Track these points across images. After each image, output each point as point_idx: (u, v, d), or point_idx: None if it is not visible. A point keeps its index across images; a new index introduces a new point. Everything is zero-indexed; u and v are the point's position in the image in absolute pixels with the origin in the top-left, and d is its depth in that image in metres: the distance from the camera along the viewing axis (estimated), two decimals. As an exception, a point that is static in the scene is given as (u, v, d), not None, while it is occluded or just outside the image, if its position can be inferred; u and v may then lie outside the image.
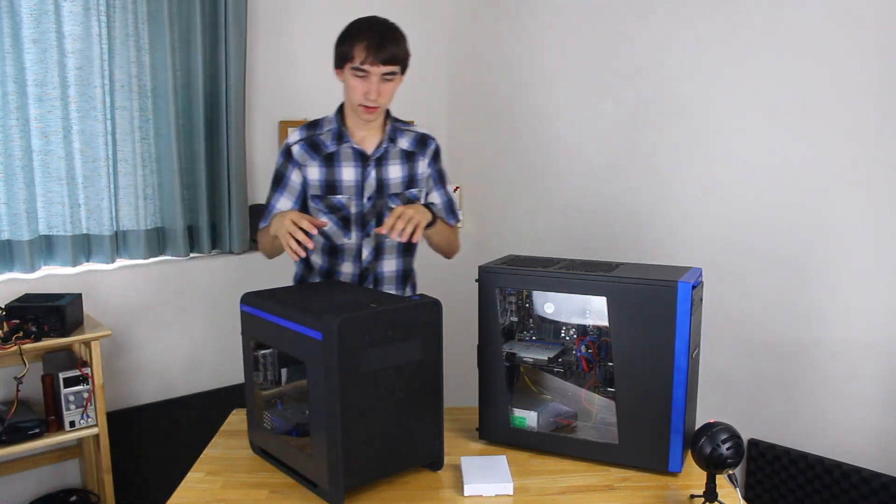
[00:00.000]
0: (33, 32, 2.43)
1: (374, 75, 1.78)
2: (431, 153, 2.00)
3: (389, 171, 1.92)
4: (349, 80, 1.81)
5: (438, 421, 1.55)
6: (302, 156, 1.90)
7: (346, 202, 1.91)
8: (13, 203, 2.45)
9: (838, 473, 2.32)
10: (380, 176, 1.91)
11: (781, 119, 2.37)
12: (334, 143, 1.90)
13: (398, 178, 1.94)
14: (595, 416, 1.70)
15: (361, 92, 1.79)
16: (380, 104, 1.82)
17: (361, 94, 1.80)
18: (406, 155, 1.95)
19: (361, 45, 1.76)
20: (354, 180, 1.90)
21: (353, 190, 1.90)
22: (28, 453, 2.52)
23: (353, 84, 1.80)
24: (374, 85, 1.78)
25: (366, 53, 1.76)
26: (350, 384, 1.39)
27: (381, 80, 1.79)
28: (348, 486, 1.43)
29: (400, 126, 1.97)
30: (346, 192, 1.90)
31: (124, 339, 2.74)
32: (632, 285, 1.54)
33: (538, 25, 3.10)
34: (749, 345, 2.52)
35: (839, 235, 2.28)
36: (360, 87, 1.79)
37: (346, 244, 1.94)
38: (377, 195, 1.92)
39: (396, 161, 1.93)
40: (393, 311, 1.45)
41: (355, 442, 1.42)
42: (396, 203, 1.93)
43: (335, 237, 1.94)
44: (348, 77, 1.81)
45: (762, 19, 2.38)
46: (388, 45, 1.77)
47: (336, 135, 1.90)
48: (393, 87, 1.84)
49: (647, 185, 2.76)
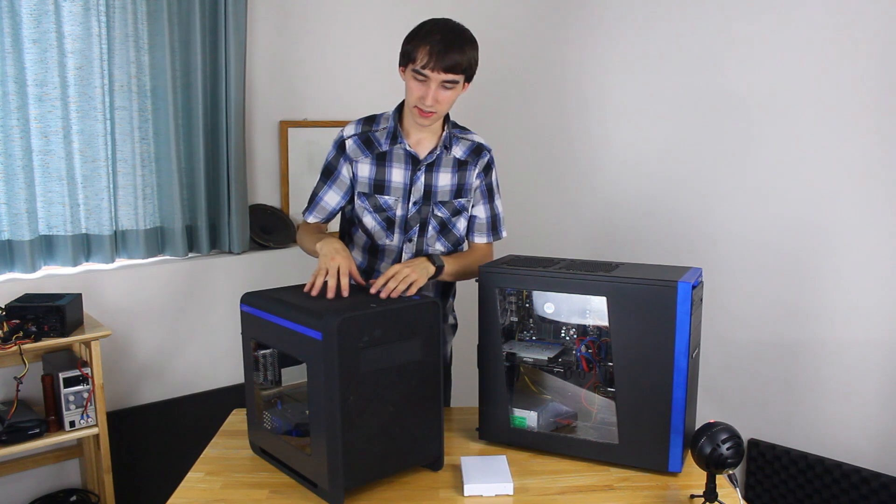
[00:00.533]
0: (33, 32, 2.43)
1: (433, 81, 1.73)
2: (484, 164, 1.95)
3: (439, 178, 1.88)
4: (409, 80, 1.77)
5: (438, 421, 1.55)
6: (355, 151, 1.87)
7: (392, 203, 1.87)
8: (13, 203, 2.45)
9: (838, 473, 2.32)
10: (428, 182, 1.87)
11: (781, 119, 2.37)
12: (388, 142, 1.86)
13: (447, 185, 1.89)
14: (595, 416, 1.70)
15: (418, 95, 1.75)
16: (436, 111, 1.77)
17: (418, 97, 1.75)
18: (458, 163, 1.91)
19: (425, 49, 1.71)
20: (403, 182, 1.87)
21: (400, 192, 1.87)
22: (28, 453, 2.52)
23: (411, 86, 1.76)
24: (431, 91, 1.73)
25: (427, 58, 1.70)
26: (350, 384, 1.39)
27: (441, 86, 1.74)
28: (348, 487, 1.43)
29: (457, 133, 1.92)
30: (394, 194, 1.87)
31: (124, 339, 2.74)
32: (632, 285, 1.54)
33: (541, 27, 3.10)
34: (749, 345, 2.52)
35: (839, 235, 2.28)
36: (417, 90, 1.75)
37: (388, 245, 1.91)
38: (423, 201, 1.88)
39: (448, 169, 1.89)
40: (393, 312, 1.45)
41: (355, 442, 1.42)
42: (443, 212, 1.90)
43: (377, 237, 1.91)
44: (409, 78, 1.77)
45: (761, 20, 2.38)
46: (452, 52, 1.70)
47: (391, 134, 1.86)
48: (453, 96, 1.79)
49: (647, 185, 2.76)
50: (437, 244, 1.91)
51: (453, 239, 1.94)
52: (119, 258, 2.73)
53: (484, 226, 1.98)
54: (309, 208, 1.96)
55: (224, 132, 2.84)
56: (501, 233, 2.02)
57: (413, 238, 1.89)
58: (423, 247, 1.90)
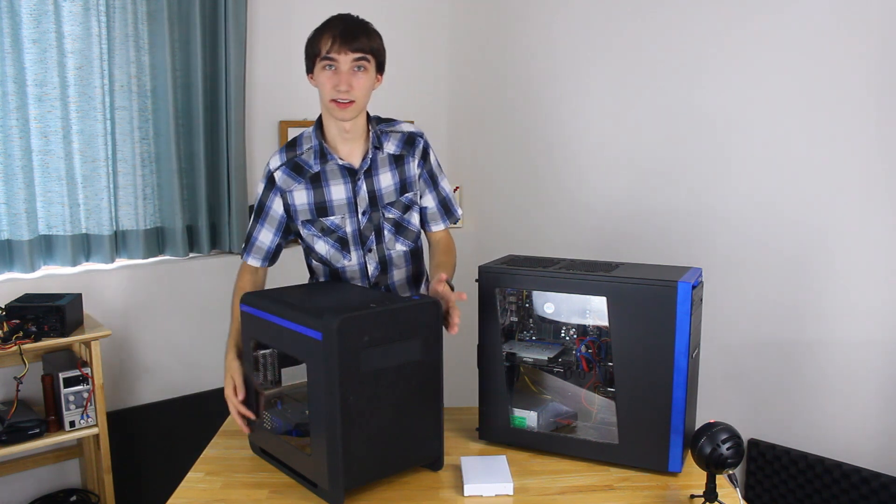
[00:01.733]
0: (33, 32, 2.43)
1: (343, 64, 1.65)
2: (421, 152, 1.85)
3: (381, 181, 1.80)
4: (320, 77, 1.68)
5: (438, 421, 1.55)
6: (285, 181, 1.78)
7: (339, 222, 1.80)
8: (13, 203, 2.45)
9: (838, 473, 2.32)
10: (371, 188, 1.79)
11: (781, 119, 2.37)
12: (317, 161, 1.77)
13: (390, 185, 1.82)
14: (595, 416, 1.70)
15: (331, 85, 1.66)
16: (353, 98, 1.67)
17: (331, 88, 1.66)
18: (394, 159, 1.82)
19: (328, 36, 1.65)
20: (346, 197, 1.78)
21: (345, 208, 1.79)
22: (28, 453, 2.52)
23: (323, 80, 1.67)
24: (343, 75, 1.65)
25: (331, 41, 1.64)
26: (350, 384, 1.39)
27: (352, 70, 1.66)
28: (348, 487, 1.43)
29: (384, 128, 1.83)
30: (339, 212, 1.79)
31: (124, 339, 2.74)
32: (632, 285, 1.54)
33: (539, 25, 3.10)
34: (749, 345, 2.52)
35: (839, 235, 2.28)
36: (329, 80, 1.66)
37: (347, 266, 1.84)
38: (371, 208, 1.80)
39: (386, 168, 1.81)
40: (393, 311, 1.45)
41: (355, 442, 1.42)
42: (393, 213, 1.83)
43: (334, 260, 1.84)
44: (319, 74, 1.68)
45: (760, 21, 2.38)
46: (356, 33, 1.66)
47: (318, 153, 1.77)
48: (366, 82, 1.69)
49: (648, 185, 2.76)
50: (396, 245, 1.86)
51: (411, 235, 1.88)
52: (119, 258, 2.73)
53: (437, 213, 1.91)
54: (246, 249, 1.87)
55: (224, 132, 2.84)
56: (456, 212, 1.95)
57: (372, 247, 1.83)
58: (384, 252, 1.85)
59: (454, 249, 1.94)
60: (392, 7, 3.32)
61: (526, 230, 3.28)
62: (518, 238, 3.29)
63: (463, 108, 3.55)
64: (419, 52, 3.48)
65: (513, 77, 3.24)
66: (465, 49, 3.49)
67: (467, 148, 3.54)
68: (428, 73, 3.53)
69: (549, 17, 3.05)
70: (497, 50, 3.32)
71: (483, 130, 3.45)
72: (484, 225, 3.51)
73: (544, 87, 3.11)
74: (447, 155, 3.64)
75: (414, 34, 3.43)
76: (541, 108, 3.14)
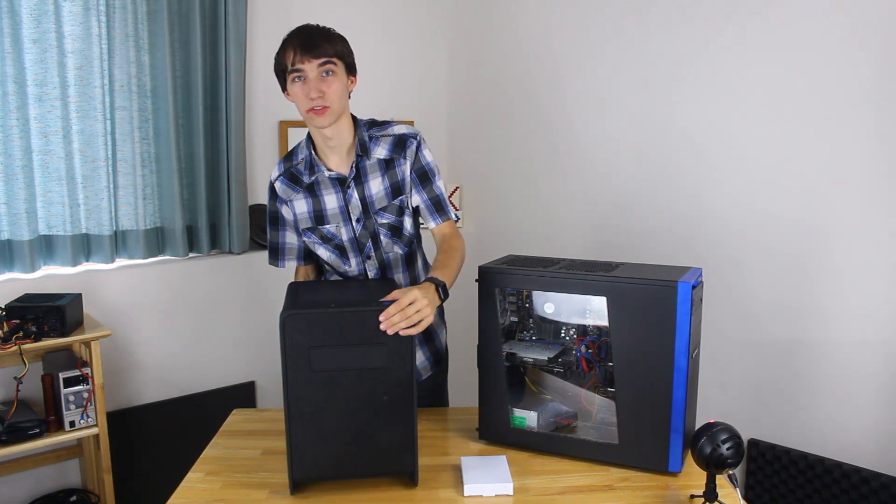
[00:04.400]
0: (33, 32, 2.43)
1: (310, 72, 1.65)
2: (413, 154, 1.80)
3: (371, 187, 1.79)
4: (292, 91, 1.69)
5: (410, 434, 1.49)
6: (285, 191, 1.83)
7: (335, 230, 1.82)
8: (13, 203, 2.45)
9: (838, 473, 2.32)
10: (361, 194, 1.79)
11: (781, 119, 2.37)
12: (307, 173, 1.80)
13: (381, 191, 1.79)
14: (595, 416, 1.70)
15: (303, 94, 1.66)
16: (327, 103, 1.66)
17: (304, 97, 1.66)
18: (384, 164, 1.79)
19: (290, 48, 1.66)
20: (338, 206, 1.80)
21: (339, 217, 1.81)
22: (28, 453, 2.52)
23: (296, 93, 1.68)
24: (313, 83, 1.65)
25: (293, 53, 1.65)
26: (299, 379, 1.42)
27: (320, 77, 1.66)
28: (297, 477, 1.47)
29: (375, 133, 1.80)
30: (333, 221, 1.82)
31: (124, 339, 2.74)
32: (632, 285, 1.54)
33: (539, 25, 3.10)
34: (749, 345, 2.52)
35: (839, 235, 2.28)
36: (301, 91, 1.66)
37: (349, 272, 1.86)
38: (364, 215, 1.80)
39: (376, 173, 1.79)
40: (347, 314, 1.43)
41: (306, 436, 1.45)
42: (387, 218, 1.81)
43: (336, 266, 1.87)
44: (292, 88, 1.69)
45: (760, 19, 2.38)
46: (317, 40, 1.66)
47: (308, 164, 1.80)
48: (337, 85, 1.68)
49: (648, 185, 2.76)
50: (394, 248, 1.84)
51: (406, 239, 1.85)
52: (119, 258, 2.73)
53: (426, 211, 1.83)
54: (279, 257, 1.90)
55: (224, 132, 2.84)
56: (449, 212, 1.84)
57: (371, 254, 1.83)
58: (383, 257, 1.84)
59: (458, 249, 1.78)
60: (392, 7, 3.32)
61: (526, 230, 3.28)
62: (518, 238, 3.30)
63: (463, 108, 3.55)
64: (419, 52, 3.48)
65: (513, 77, 3.24)
66: (465, 49, 3.49)
67: (467, 148, 3.54)
68: (428, 73, 3.53)
69: (549, 17, 3.05)
70: (497, 50, 3.32)
71: (483, 130, 3.45)
72: (484, 225, 3.51)
73: (544, 87, 3.11)
74: (447, 155, 3.64)
75: (414, 34, 3.43)
76: (541, 108, 3.14)
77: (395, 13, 3.32)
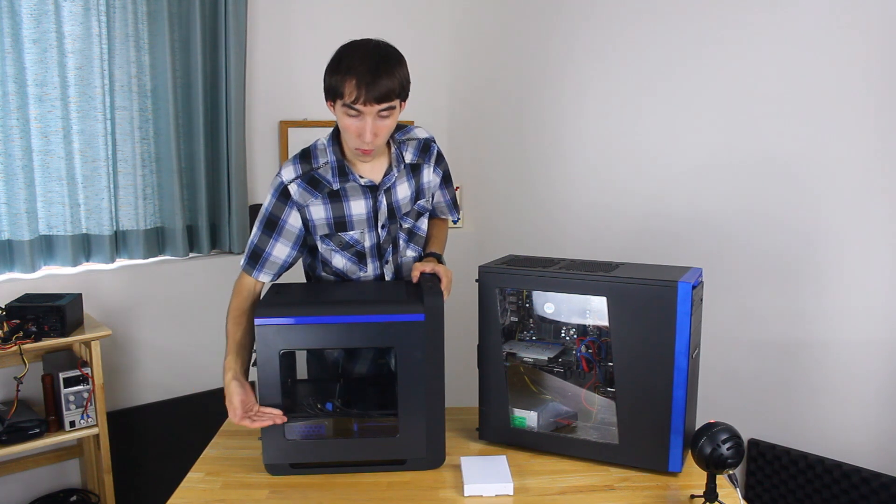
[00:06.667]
0: (33, 32, 2.43)
1: (368, 115, 1.55)
2: (435, 158, 1.84)
3: (398, 193, 1.77)
4: (341, 116, 1.59)
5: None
6: (302, 195, 1.69)
7: (358, 237, 1.74)
8: (13, 203, 2.45)
9: (838, 473, 2.32)
10: (390, 201, 1.75)
11: (782, 118, 2.37)
12: (336, 179, 1.69)
13: (406, 196, 1.79)
14: (595, 416, 1.70)
15: (355, 133, 1.58)
16: (377, 145, 1.62)
17: (356, 136, 1.59)
18: (411, 168, 1.79)
19: (351, 83, 1.52)
20: (366, 213, 1.73)
21: (364, 224, 1.74)
22: (28, 453, 2.52)
23: (346, 124, 1.58)
24: (368, 125, 1.56)
25: (357, 91, 1.52)
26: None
27: (377, 117, 1.57)
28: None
29: (400, 137, 1.79)
30: (358, 227, 1.73)
31: (124, 339, 2.74)
32: (632, 285, 1.54)
33: (539, 26, 3.10)
34: (749, 345, 2.52)
35: (839, 235, 2.28)
36: (353, 128, 1.58)
37: (363, 278, 1.80)
38: (390, 221, 1.77)
39: (403, 179, 1.77)
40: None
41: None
42: (408, 222, 1.81)
43: (350, 272, 1.79)
44: (340, 113, 1.59)
45: (760, 17, 2.38)
46: (381, 80, 1.53)
47: (337, 170, 1.69)
48: (391, 123, 1.62)
49: (648, 185, 2.76)
50: (408, 251, 1.84)
51: (419, 241, 1.87)
52: (119, 258, 2.73)
53: (444, 207, 1.95)
54: (256, 265, 1.73)
55: (224, 132, 2.84)
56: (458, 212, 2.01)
57: (389, 259, 1.80)
58: (399, 261, 1.82)
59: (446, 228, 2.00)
60: (392, 7, 3.32)
61: (526, 230, 3.28)
62: (518, 238, 3.29)
63: (463, 108, 3.55)
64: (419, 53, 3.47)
65: (513, 77, 3.24)
66: (466, 49, 3.49)
67: (467, 148, 3.53)
68: (428, 73, 3.53)
69: (549, 16, 3.05)
70: (497, 50, 3.32)
71: (483, 130, 3.45)
72: (484, 225, 3.51)
73: (544, 87, 3.11)
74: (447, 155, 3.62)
75: (414, 34, 3.43)
76: (541, 108, 3.14)
77: (395, 13, 3.32)
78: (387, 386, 1.71)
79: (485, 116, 3.43)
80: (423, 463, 1.59)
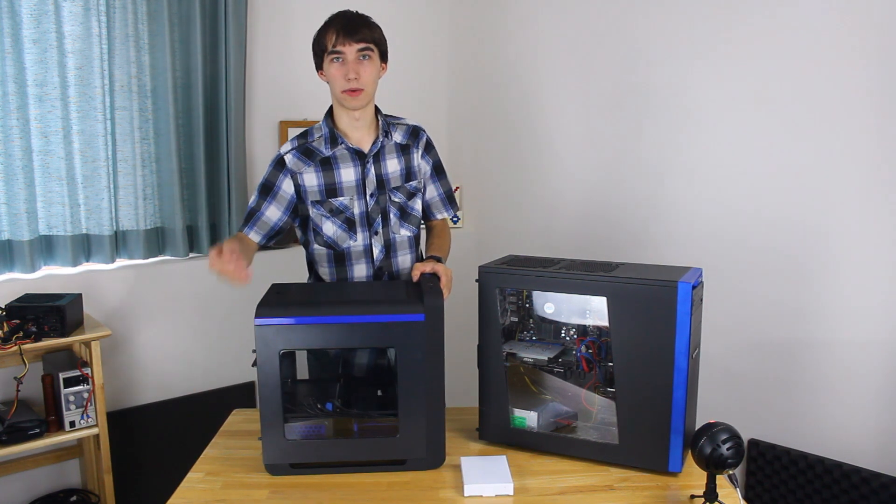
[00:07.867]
0: (33, 32, 2.43)
1: (349, 55, 1.78)
2: (424, 144, 1.99)
3: (388, 166, 1.91)
4: (329, 71, 1.81)
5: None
6: (296, 163, 1.87)
7: (347, 203, 1.88)
8: (13, 203, 2.45)
9: (838, 473, 2.32)
10: (378, 171, 1.90)
11: (782, 118, 2.37)
12: (328, 146, 1.88)
13: (396, 171, 1.92)
14: (595, 416, 1.70)
15: (341, 76, 1.79)
16: (362, 85, 1.80)
17: (342, 79, 1.79)
18: (401, 148, 1.94)
19: (332, 31, 1.79)
20: (355, 179, 1.88)
21: (354, 190, 1.88)
22: (28, 453, 2.52)
23: (333, 74, 1.80)
24: (351, 65, 1.78)
25: (336, 35, 1.77)
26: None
27: (358, 59, 1.79)
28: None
29: (391, 120, 1.96)
30: (347, 194, 1.88)
31: (124, 339, 2.74)
32: (632, 285, 1.54)
33: (539, 26, 3.10)
34: (749, 345, 2.52)
35: (839, 235, 2.28)
36: (339, 71, 1.79)
37: (353, 247, 1.91)
38: (379, 191, 1.90)
39: (393, 155, 1.92)
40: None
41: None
42: (398, 197, 1.92)
43: (340, 241, 1.90)
44: (329, 68, 1.81)
45: (761, 16, 2.38)
46: (358, 25, 1.79)
47: (328, 138, 1.88)
48: (373, 70, 1.82)
49: (648, 185, 2.76)
50: (401, 230, 1.94)
51: (415, 221, 1.98)
52: (119, 258, 2.73)
53: (440, 203, 2.04)
54: (248, 223, 1.90)
55: (224, 132, 2.84)
56: (456, 206, 2.09)
57: (379, 230, 1.91)
58: (389, 236, 1.93)
59: (448, 234, 2.05)
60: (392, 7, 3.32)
61: (526, 230, 3.28)
62: (518, 238, 3.29)
63: (463, 108, 3.55)
64: (419, 52, 3.48)
65: (513, 77, 3.24)
66: (465, 49, 3.49)
67: (467, 148, 3.54)
68: (428, 73, 3.53)
69: (549, 16, 3.05)
70: (497, 50, 3.32)
71: (483, 130, 3.45)
72: (484, 225, 3.51)
73: (544, 87, 3.11)
74: (447, 155, 3.63)
75: (414, 34, 3.43)
76: (541, 108, 3.14)
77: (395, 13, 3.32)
78: (387, 386, 1.72)
79: (484, 116, 3.43)
80: (423, 463, 1.59)
